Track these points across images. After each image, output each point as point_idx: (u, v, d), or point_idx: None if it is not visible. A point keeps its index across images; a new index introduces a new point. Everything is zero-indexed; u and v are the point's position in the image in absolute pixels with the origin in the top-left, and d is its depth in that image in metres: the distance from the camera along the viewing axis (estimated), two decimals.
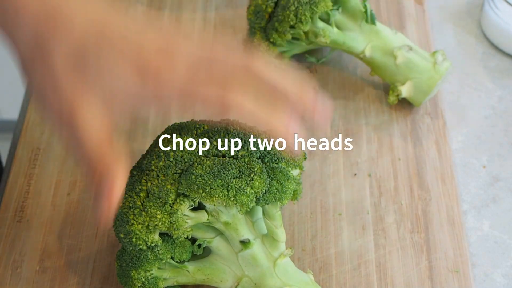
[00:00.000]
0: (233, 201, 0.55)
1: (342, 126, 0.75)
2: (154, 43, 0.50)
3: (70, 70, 0.49)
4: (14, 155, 0.73)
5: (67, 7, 0.49)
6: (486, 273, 0.66)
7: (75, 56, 0.49)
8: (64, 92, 0.49)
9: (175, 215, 0.56)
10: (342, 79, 0.79)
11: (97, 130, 0.50)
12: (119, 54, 0.49)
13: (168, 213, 0.56)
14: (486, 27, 0.82)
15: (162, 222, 0.56)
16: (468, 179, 0.72)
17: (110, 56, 0.49)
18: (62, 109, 0.50)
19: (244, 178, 0.55)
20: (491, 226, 0.69)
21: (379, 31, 0.74)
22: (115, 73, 0.49)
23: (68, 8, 0.49)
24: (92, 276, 0.65)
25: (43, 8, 0.49)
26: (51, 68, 0.49)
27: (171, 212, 0.56)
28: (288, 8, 0.72)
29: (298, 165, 0.60)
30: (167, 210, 0.56)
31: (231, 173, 0.55)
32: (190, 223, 0.57)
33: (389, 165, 0.72)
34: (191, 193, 0.55)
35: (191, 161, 0.57)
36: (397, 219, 0.68)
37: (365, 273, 0.65)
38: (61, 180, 0.71)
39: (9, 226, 0.68)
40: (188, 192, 0.56)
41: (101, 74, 0.49)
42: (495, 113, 0.77)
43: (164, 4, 0.86)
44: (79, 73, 0.49)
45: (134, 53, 0.49)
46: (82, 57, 0.49)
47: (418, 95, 0.73)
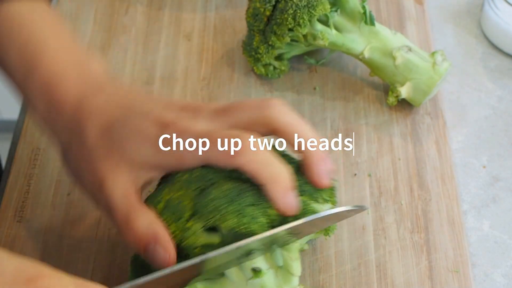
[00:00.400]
0: (244, 229, 0.53)
1: (342, 126, 0.75)
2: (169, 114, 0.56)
3: (100, 146, 0.56)
4: (14, 155, 0.73)
5: (96, 96, 0.58)
6: (486, 273, 0.66)
7: (104, 135, 0.56)
8: (96, 165, 0.56)
9: (187, 232, 0.54)
10: (342, 79, 0.79)
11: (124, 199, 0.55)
12: (139, 132, 0.55)
13: (181, 229, 0.54)
14: (486, 27, 0.82)
15: (175, 236, 0.54)
16: (468, 179, 0.72)
17: (132, 134, 0.55)
18: (94, 180, 0.56)
19: (260, 206, 0.54)
20: (491, 226, 0.69)
21: (378, 32, 0.74)
22: (137, 147, 0.55)
23: (98, 95, 0.58)
24: (92, 276, 0.65)
25: (78, 97, 0.58)
26: (85, 146, 0.57)
27: (184, 229, 0.54)
28: (286, 11, 0.71)
29: (329, 199, 0.57)
30: (180, 226, 0.54)
31: (247, 200, 0.54)
32: (201, 242, 0.55)
33: (389, 165, 0.72)
34: (205, 215, 0.54)
35: (213, 181, 0.55)
36: (397, 219, 0.68)
37: (365, 273, 0.65)
38: (61, 180, 0.71)
39: (9, 226, 0.68)
40: (202, 213, 0.54)
41: (126, 149, 0.55)
42: (495, 113, 0.77)
43: (164, 4, 0.86)
44: (108, 149, 0.56)
45: (153, 129, 0.55)
46: (110, 136, 0.56)
47: (418, 95, 0.73)
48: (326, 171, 0.56)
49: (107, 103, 0.57)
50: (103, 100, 0.58)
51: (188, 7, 0.86)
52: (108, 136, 0.56)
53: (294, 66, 0.80)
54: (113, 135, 0.56)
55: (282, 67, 0.77)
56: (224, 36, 0.83)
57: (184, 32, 0.83)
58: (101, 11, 0.85)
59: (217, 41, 0.82)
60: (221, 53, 0.81)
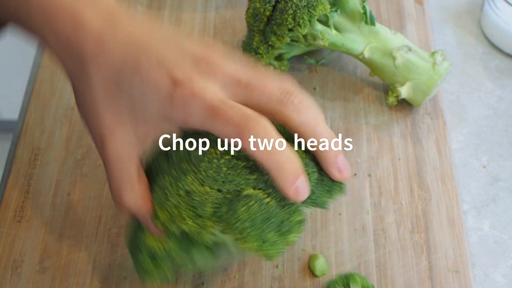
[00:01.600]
0: (263, 252, 0.53)
1: (342, 126, 0.75)
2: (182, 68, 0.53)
3: (107, 96, 0.53)
4: (14, 155, 0.73)
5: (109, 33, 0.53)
6: (486, 273, 0.66)
7: (111, 84, 0.53)
8: (100, 118, 0.54)
9: (204, 230, 0.54)
10: (342, 79, 0.79)
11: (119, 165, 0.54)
12: (149, 84, 0.52)
13: (199, 226, 0.54)
14: (486, 27, 0.82)
15: (189, 227, 0.54)
16: (468, 179, 0.72)
17: (142, 85, 0.52)
18: (97, 132, 0.54)
19: (282, 231, 0.53)
20: (491, 226, 0.69)
21: (378, 32, 0.74)
22: (145, 101, 0.52)
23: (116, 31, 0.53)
24: (92, 276, 0.65)
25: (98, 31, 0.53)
26: (92, 93, 0.54)
27: (202, 226, 0.54)
28: (286, 12, 0.71)
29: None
30: (199, 223, 0.54)
31: (271, 226, 0.53)
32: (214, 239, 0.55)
33: (389, 165, 0.72)
34: (228, 231, 0.53)
35: (239, 187, 0.53)
36: (397, 219, 0.68)
37: (365, 273, 0.65)
38: (61, 180, 0.71)
39: (9, 226, 0.68)
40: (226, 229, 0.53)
41: (133, 102, 0.53)
42: (495, 113, 0.77)
43: (164, 4, 0.86)
44: (114, 100, 0.53)
45: (164, 83, 0.52)
46: (119, 83, 0.53)
47: (418, 95, 0.73)
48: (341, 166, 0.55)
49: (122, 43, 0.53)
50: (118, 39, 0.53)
51: (188, 7, 0.86)
52: (117, 82, 0.53)
53: (294, 66, 0.80)
54: (123, 83, 0.53)
55: (282, 67, 0.77)
56: (224, 36, 0.83)
57: (184, 32, 0.83)
58: None
59: (217, 41, 0.82)
60: None
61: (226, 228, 0.53)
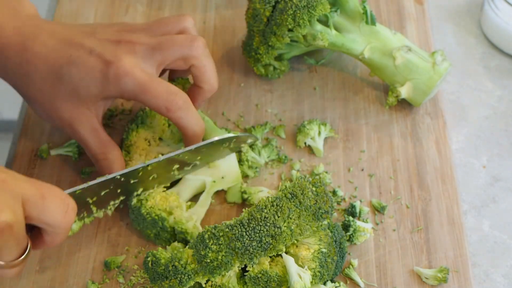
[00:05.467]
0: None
1: (342, 126, 0.75)
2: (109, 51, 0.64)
3: (56, 93, 0.64)
4: (14, 155, 0.73)
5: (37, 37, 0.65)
6: (486, 273, 0.66)
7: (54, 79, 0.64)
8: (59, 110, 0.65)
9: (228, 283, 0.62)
10: (342, 79, 0.79)
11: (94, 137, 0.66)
12: (86, 71, 0.63)
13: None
14: (486, 27, 0.82)
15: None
16: (468, 179, 0.72)
17: (80, 73, 0.64)
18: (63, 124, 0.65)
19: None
20: (491, 226, 0.69)
21: (378, 32, 0.74)
22: (87, 85, 0.64)
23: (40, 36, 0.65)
24: (92, 276, 0.65)
25: (20, 40, 0.65)
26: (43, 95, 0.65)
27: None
28: (286, 12, 0.71)
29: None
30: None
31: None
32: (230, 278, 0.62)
33: (389, 165, 0.72)
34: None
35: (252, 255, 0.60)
36: (397, 219, 0.68)
37: (365, 273, 0.65)
38: (61, 180, 0.71)
39: None
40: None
41: (77, 89, 0.64)
42: (495, 113, 0.77)
43: (164, 4, 0.86)
44: (63, 93, 0.64)
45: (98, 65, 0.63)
46: (60, 78, 0.64)
47: (418, 95, 0.73)
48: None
49: (50, 44, 0.64)
50: (45, 41, 0.64)
51: (188, 7, 0.86)
52: (59, 78, 0.64)
53: (294, 66, 0.80)
54: (64, 77, 0.64)
55: (282, 67, 0.77)
56: (224, 36, 0.83)
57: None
58: (101, 11, 0.85)
59: (217, 41, 0.82)
60: (221, 53, 0.81)
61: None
